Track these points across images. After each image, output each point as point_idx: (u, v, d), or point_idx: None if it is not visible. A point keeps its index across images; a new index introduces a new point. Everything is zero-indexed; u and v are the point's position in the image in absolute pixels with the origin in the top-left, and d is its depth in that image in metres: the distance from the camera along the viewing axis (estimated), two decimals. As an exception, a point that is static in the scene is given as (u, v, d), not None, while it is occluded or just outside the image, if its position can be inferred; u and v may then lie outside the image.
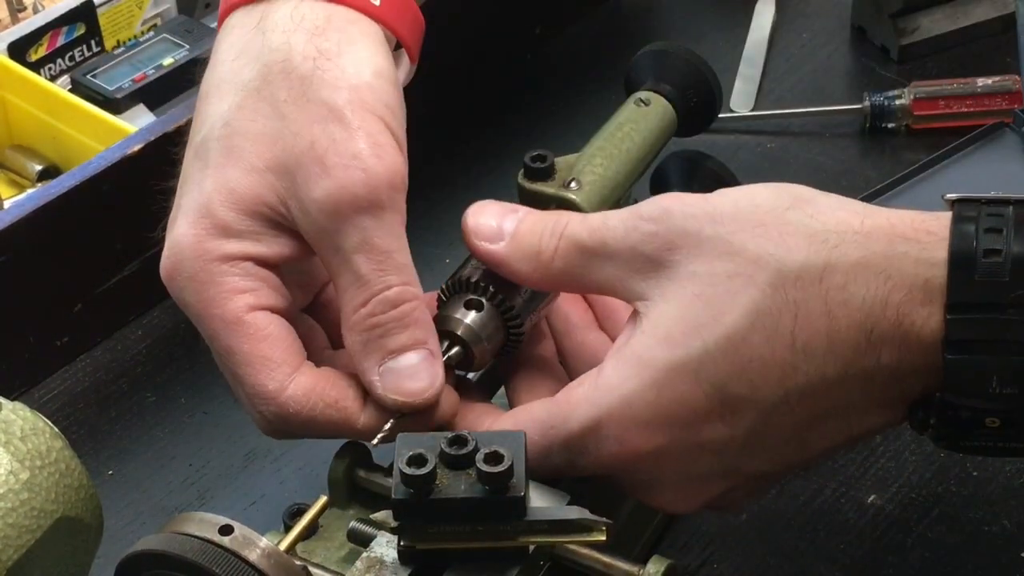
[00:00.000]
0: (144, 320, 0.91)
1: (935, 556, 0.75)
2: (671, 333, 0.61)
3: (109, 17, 1.09)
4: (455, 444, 0.61)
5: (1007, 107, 0.99)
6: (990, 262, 0.58)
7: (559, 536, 0.62)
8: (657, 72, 0.82)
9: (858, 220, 0.60)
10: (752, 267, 0.60)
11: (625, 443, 0.62)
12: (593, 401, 0.62)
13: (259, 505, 0.80)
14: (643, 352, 0.61)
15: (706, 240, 0.61)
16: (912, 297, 0.58)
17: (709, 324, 0.60)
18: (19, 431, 0.61)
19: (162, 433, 0.84)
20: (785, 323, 0.59)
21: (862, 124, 1.02)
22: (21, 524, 0.59)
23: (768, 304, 0.59)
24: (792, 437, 0.62)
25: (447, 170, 1.01)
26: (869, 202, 0.92)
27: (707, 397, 0.61)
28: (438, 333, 0.67)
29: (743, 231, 0.60)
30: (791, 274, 0.59)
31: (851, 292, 0.59)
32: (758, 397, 0.60)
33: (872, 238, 0.59)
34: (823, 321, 0.59)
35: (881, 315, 0.59)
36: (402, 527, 0.62)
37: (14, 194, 1.00)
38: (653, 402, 0.61)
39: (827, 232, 0.60)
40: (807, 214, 0.61)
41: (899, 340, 0.59)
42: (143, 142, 0.88)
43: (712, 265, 0.60)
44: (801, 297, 0.59)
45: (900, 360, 0.59)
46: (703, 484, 0.64)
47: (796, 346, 0.59)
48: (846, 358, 0.59)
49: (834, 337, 0.59)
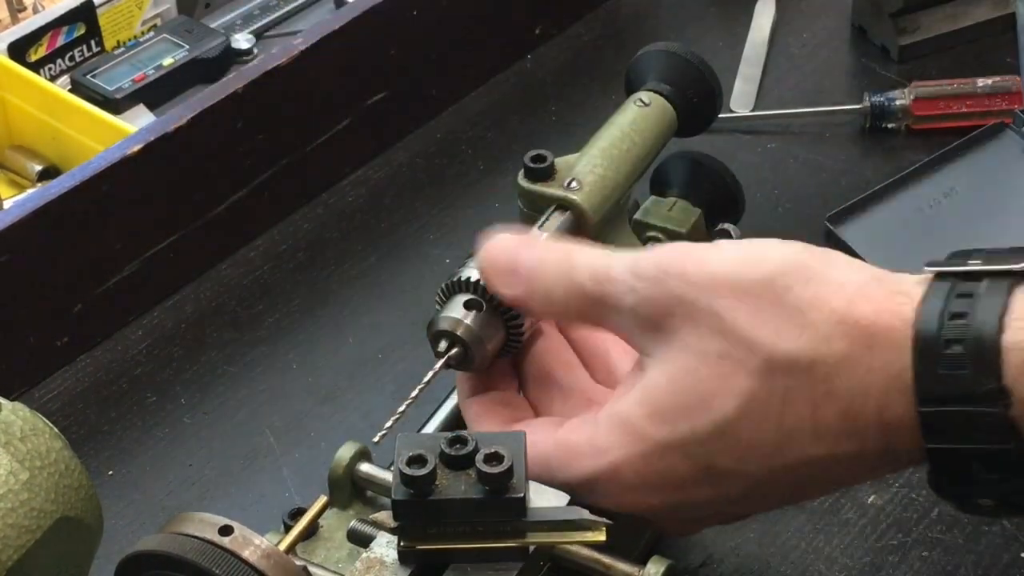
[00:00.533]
0: (144, 320, 0.91)
1: (935, 556, 0.75)
2: (662, 410, 0.61)
3: (109, 17, 1.09)
4: (455, 444, 0.61)
5: (1007, 107, 0.99)
6: (952, 354, 0.56)
7: (559, 536, 0.62)
8: (657, 72, 0.82)
9: (846, 305, 0.59)
10: (743, 351, 0.60)
11: (618, 500, 0.64)
12: (589, 459, 0.63)
13: (259, 505, 0.80)
14: (635, 423, 0.62)
15: (699, 312, 0.61)
16: (890, 388, 0.58)
17: (698, 408, 0.60)
18: (19, 431, 0.61)
19: (162, 433, 0.84)
20: (773, 409, 0.60)
21: (862, 124, 1.02)
22: (21, 524, 0.59)
23: (756, 391, 0.60)
24: (785, 493, 0.64)
25: (447, 170, 1.01)
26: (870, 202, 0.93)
27: (694, 470, 0.62)
28: (438, 333, 0.67)
29: (737, 309, 0.60)
30: (781, 364, 0.59)
31: (835, 384, 0.59)
32: (746, 471, 0.61)
33: (858, 327, 0.58)
34: (808, 409, 0.59)
35: (863, 406, 0.58)
36: (402, 527, 0.62)
37: (14, 194, 1.00)
38: (642, 471, 0.62)
39: (819, 322, 0.59)
40: (802, 297, 0.59)
41: (882, 429, 0.59)
42: (143, 142, 0.88)
43: (704, 341, 0.60)
44: (790, 385, 0.59)
45: (887, 445, 0.59)
46: (699, 521, 0.66)
47: (783, 430, 0.60)
48: (831, 443, 0.60)
49: (819, 424, 0.59)
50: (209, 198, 0.93)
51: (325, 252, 0.95)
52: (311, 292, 0.93)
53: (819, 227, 0.94)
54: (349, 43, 0.96)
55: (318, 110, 0.97)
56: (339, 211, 0.98)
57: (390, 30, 0.99)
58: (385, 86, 1.00)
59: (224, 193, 0.93)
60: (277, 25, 1.16)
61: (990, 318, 0.56)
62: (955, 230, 0.92)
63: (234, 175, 0.94)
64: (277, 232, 0.97)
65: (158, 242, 0.91)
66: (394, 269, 0.94)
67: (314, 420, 0.84)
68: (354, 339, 0.89)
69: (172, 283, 0.92)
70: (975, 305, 0.57)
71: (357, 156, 1.01)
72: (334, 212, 0.98)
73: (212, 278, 0.93)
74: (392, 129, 1.02)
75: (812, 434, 0.59)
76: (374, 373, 0.87)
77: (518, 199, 0.76)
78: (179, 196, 0.91)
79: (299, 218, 0.97)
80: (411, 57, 1.01)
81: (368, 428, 0.82)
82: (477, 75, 1.07)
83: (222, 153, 0.92)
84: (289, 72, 0.94)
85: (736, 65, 1.07)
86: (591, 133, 0.78)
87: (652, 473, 0.62)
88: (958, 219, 0.93)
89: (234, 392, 0.86)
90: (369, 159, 1.01)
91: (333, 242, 0.96)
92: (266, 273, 0.94)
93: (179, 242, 0.91)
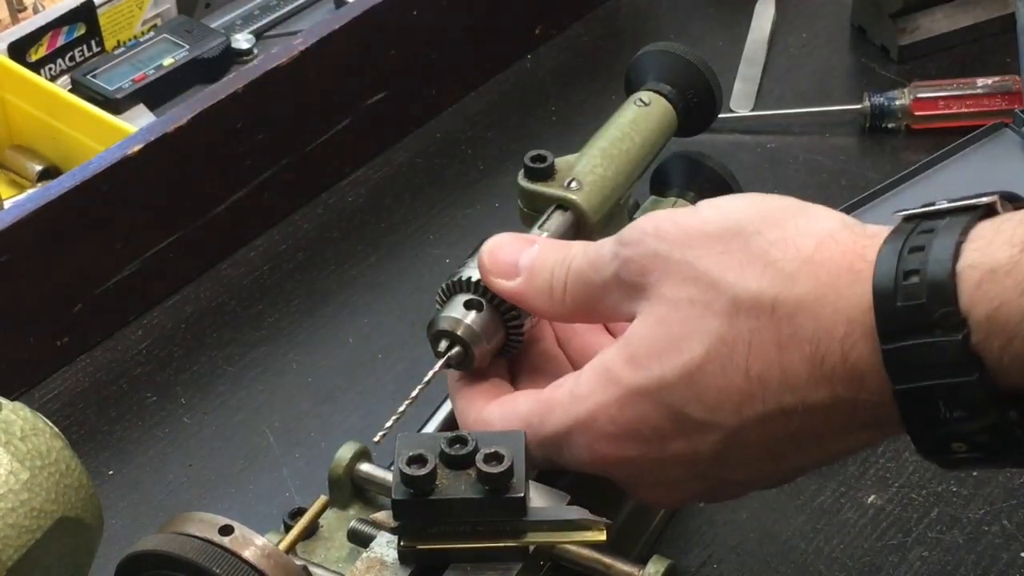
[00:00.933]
0: (144, 320, 0.91)
1: (935, 556, 0.75)
2: (636, 354, 0.62)
3: (109, 17, 1.09)
4: (455, 444, 0.61)
5: (1007, 107, 0.99)
6: (909, 284, 0.56)
7: (559, 536, 0.62)
8: (657, 72, 0.82)
9: (814, 247, 0.59)
10: (711, 293, 0.60)
11: (594, 451, 0.63)
12: (566, 408, 0.63)
13: (259, 505, 0.80)
14: (611, 367, 0.63)
15: (673, 264, 0.62)
16: (853, 330, 0.57)
17: (668, 351, 0.61)
18: (19, 431, 0.61)
19: (162, 433, 0.84)
20: (739, 352, 0.59)
21: (862, 124, 1.02)
22: (21, 524, 0.59)
23: (723, 333, 0.60)
24: (762, 456, 0.63)
25: (447, 170, 1.01)
26: (869, 203, 0.94)
27: (666, 419, 0.61)
28: (438, 333, 0.67)
29: (708, 256, 0.61)
30: (745, 303, 0.59)
31: (800, 324, 0.58)
32: (717, 421, 0.61)
33: (824, 267, 0.59)
34: (775, 352, 0.59)
35: (827, 349, 0.58)
36: (402, 527, 0.62)
37: (14, 194, 1.00)
38: (616, 417, 0.62)
39: (784, 261, 0.59)
40: (770, 240, 0.60)
41: (849, 373, 0.58)
42: (143, 142, 0.88)
43: (677, 289, 0.61)
44: (755, 326, 0.59)
45: (856, 392, 0.58)
46: (680, 486, 0.65)
47: (751, 375, 0.60)
48: (800, 390, 0.59)
49: (787, 369, 0.59)
50: (209, 198, 0.93)
51: (325, 252, 0.95)
52: (311, 292, 0.93)
53: (819, 227, 0.94)
54: (349, 43, 0.96)
55: (318, 110, 0.97)
56: (339, 211, 0.98)
57: (390, 30, 0.99)
58: (385, 86, 1.00)
59: (224, 193, 0.93)
60: (277, 25, 1.16)
61: (946, 244, 0.56)
62: (955, 230, 0.92)
63: (234, 175, 0.94)
64: (277, 232, 0.97)
65: (158, 242, 0.91)
66: (394, 269, 0.94)
67: (314, 420, 0.84)
68: (354, 339, 0.89)
69: (172, 283, 0.92)
70: (934, 237, 0.57)
71: (357, 156, 1.01)
72: (334, 212, 0.98)
73: (212, 278, 0.93)
74: (392, 129, 1.02)
75: (781, 381, 0.59)
76: (374, 373, 0.87)
77: (518, 199, 0.76)
78: (179, 196, 0.91)
79: (299, 218, 0.98)
80: (411, 57, 1.01)
81: (368, 428, 0.82)
82: (477, 75, 1.07)
83: (222, 153, 0.92)
84: (289, 72, 0.94)
85: (736, 65, 1.07)
86: (591, 133, 0.78)
87: (625, 421, 0.62)
88: (958, 219, 0.93)
89: (234, 392, 0.86)
90: (369, 159, 1.01)
91: (333, 242, 0.96)
92: (266, 273, 0.94)
93: (179, 242, 0.91)
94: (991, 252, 0.55)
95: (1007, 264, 0.55)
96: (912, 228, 0.58)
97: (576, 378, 0.64)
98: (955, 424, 0.57)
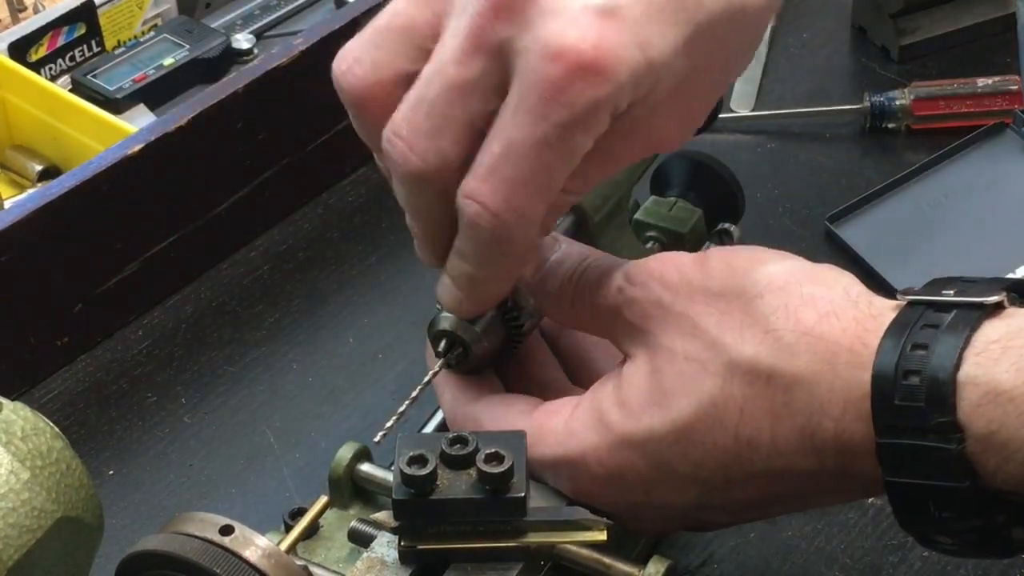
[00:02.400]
0: (144, 320, 0.91)
1: (935, 556, 0.75)
2: (629, 402, 0.62)
3: (109, 17, 1.09)
4: (456, 444, 0.61)
5: (1007, 107, 0.99)
6: (908, 384, 0.56)
7: (559, 536, 0.62)
8: (657, 72, 0.81)
9: (815, 320, 0.59)
10: (708, 352, 0.60)
11: (577, 487, 0.64)
12: (559, 440, 0.63)
13: (259, 505, 0.79)
14: (605, 411, 0.63)
15: (675, 316, 0.62)
16: (848, 412, 0.58)
17: (660, 404, 0.61)
18: (20, 431, 0.61)
19: (162, 433, 0.84)
20: (731, 416, 0.60)
21: (862, 124, 1.02)
22: (22, 524, 0.59)
23: (716, 395, 0.60)
24: (747, 506, 0.63)
25: (447, 170, 1.01)
26: (869, 203, 0.94)
27: (653, 469, 0.62)
28: (438, 333, 0.67)
29: (709, 314, 0.61)
30: (740, 367, 0.59)
31: (794, 396, 0.59)
32: (702, 476, 0.61)
33: (824, 343, 0.58)
34: (767, 420, 0.59)
35: (819, 425, 0.58)
36: (403, 527, 0.62)
37: (14, 194, 1.00)
38: (603, 462, 0.62)
39: (785, 331, 0.59)
40: (773, 306, 0.60)
41: (840, 450, 0.58)
42: (143, 142, 0.88)
43: (674, 342, 0.61)
44: (748, 393, 0.59)
45: (845, 467, 0.59)
46: (663, 523, 0.66)
47: (740, 438, 0.60)
48: (789, 456, 0.59)
49: (777, 437, 0.59)
50: (209, 198, 0.93)
51: (325, 252, 0.95)
52: (311, 292, 0.93)
53: (819, 227, 0.94)
54: (349, 43, 0.96)
55: (318, 110, 0.97)
56: (339, 211, 0.98)
57: (390, 30, 0.99)
58: (385, 86, 1.00)
59: (224, 193, 0.93)
60: (277, 25, 1.16)
61: (949, 351, 0.55)
62: (955, 230, 0.93)
63: (234, 175, 0.94)
64: (277, 232, 0.97)
65: (158, 242, 0.91)
66: (394, 269, 0.94)
67: (314, 420, 0.84)
68: (354, 339, 0.89)
69: (172, 283, 0.92)
70: (937, 337, 0.56)
71: (357, 156, 1.01)
72: (334, 212, 0.98)
73: (212, 278, 0.93)
74: (392, 129, 1.02)
75: (770, 447, 0.59)
76: (374, 373, 0.87)
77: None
78: (179, 196, 0.91)
79: (299, 218, 0.98)
80: (411, 57, 1.01)
81: (368, 428, 0.82)
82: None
83: (222, 153, 0.92)
84: (289, 72, 0.94)
85: (736, 65, 1.07)
86: (591, 133, 0.78)
87: (613, 465, 0.62)
88: (958, 219, 0.93)
89: (234, 392, 0.86)
90: (369, 159, 1.01)
91: (333, 242, 0.96)
92: (266, 273, 0.94)
93: (179, 242, 0.91)
94: (995, 372, 0.55)
95: (1011, 390, 0.54)
96: (916, 318, 0.57)
97: (572, 410, 0.64)
98: (943, 522, 0.57)
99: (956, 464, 0.55)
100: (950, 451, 0.55)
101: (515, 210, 0.59)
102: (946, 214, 0.93)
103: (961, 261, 0.89)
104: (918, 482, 0.56)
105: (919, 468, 0.56)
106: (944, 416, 0.55)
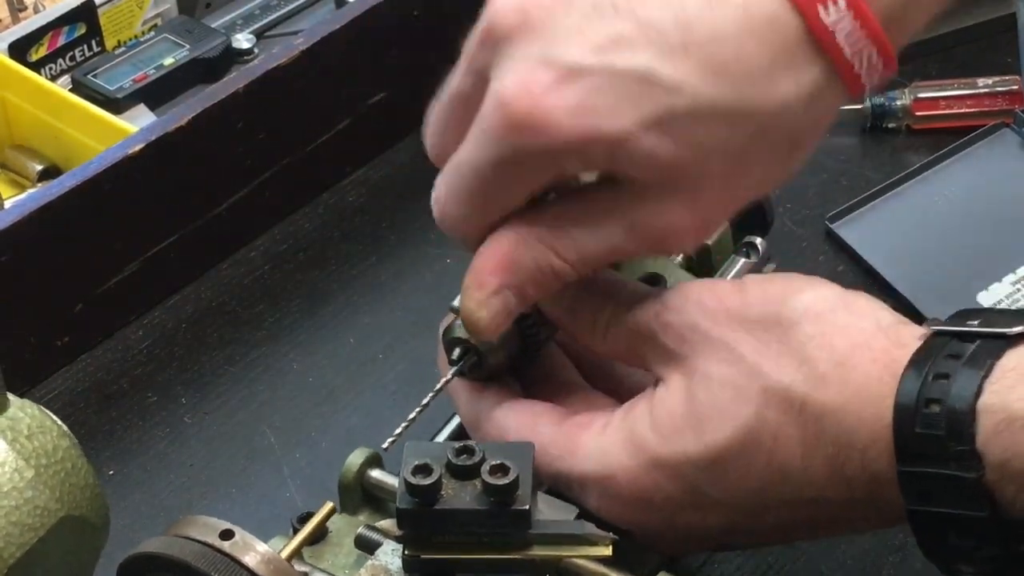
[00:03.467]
0: (145, 320, 0.91)
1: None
2: (663, 426, 0.62)
3: (110, 17, 1.09)
4: (462, 454, 0.61)
5: (1007, 107, 0.99)
6: (929, 413, 0.57)
7: (564, 550, 0.62)
8: (658, 72, 0.81)
9: (848, 350, 0.60)
10: (745, 379, 0.61)
11: (603, 504, 0.64)
12: (588, 455, 0.64)
13: (260, 506, 0.79)
14: (639, 432, 0.63)
15: (712, 341, 0.62)
16: (875, 442, 0.58)
17: (695, 429, 0.61)
18: (26, 429, 0.61)
19: (163, 433, 0.84)
20: (765, 443, 0.60)
21: (862, 124, 1.02)
22: (24, 522, 0.59)
23: (751, 422, 0.60)
24: (773, 531, 0.64)
25: (447, 170, 1.01)
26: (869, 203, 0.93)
27: (683, 492, 0.62)
28: (452, 340, 0.67)
29: (747, 342, 0.61)
30: (776, 395, 0.60)
31: (825, 427, 0.59)
32: (734, 502, 0.62)
33: (855, 374, 0.59)
34: (798, 449, 0.60)
35: (848, 456, 0.59)
36: (407, 536, 0.62)
37: (14, 194, 1.00)
38: (633, 482, 0.63)
39: (819, 360, 0.60)
40: (808, 334, 0.60)
41: (868, 481, 0.59)
42: (143, 142, 0.88)
43: (711, 368, 0.62)
44: (782, 421, 0.60)
45: (873, 496, 0.59)
46: (684, 543, 0.66)
47: (773, 466, 0.60)
48: (820, 486, 0.60)
49: (808, 465, 0.60)
50: (209, 198, 0.93)
51: (325, 252, 0.95)
52: (311, 292, 0.93)
53: (819, 227, 0.94)
54: (349, 43, 0.96)
55: (318, 110, 0.97)
56: (339, 211, 0.98)
57: (390, 30, 0.99)
58: (385, 86, 1.00)
59: (224, 193, 0.93)
60: (278, 25, 1.16)
61: (970, 380, 0.56)
62: (955, 230, 0.92)
63: (234, 175, 0.94)
64: (277, 232, 0.97)
65: (158, 242, 0.91)
66: (394, 269, 0.94)
67: (314, 420, 0.84)
68: (354, 339, 0.89)
69: (172, 283, 0.92)
70: (959, 366, 0.57)
71: (357, 156, 1.01)
72: (334, 212, 0.98)
73: (212, 278, 0.93)
74: (392, 129, 1.02)
75: (801, 475, 0.60)
76: (374, 373, 0.87)
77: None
78: (179, 196, 0.91)
79: (299, 218, 0.97)
80: (411, 57, 1.01)
81: (369, 428, 0.82)
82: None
83: (222, 153, 0.92)
84: (289, 72, 0.94)
85: (736, 65, 1.07)
86: (591, 133, 0.78)
87: (644, 488, 0.62)
88: (958, 219, 0.93)
89: (235, 392, 0.86)
90: (369, 159, 1.01)
91: (333, 242, 0.96)
92: (266, 273, 0.94)
93: (179, 242, 0.91)
94: (1011, 399, 0.55)
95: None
96: (940, 348, 0.58)
97: (603, 427, 0.64)
98: (963, 550, 0.58)
99: (975, 493, 0.56)
100: (969, 480, 0.55)
101: (449, 215, 0.65)
102: (946, 214, 0.93)
103: (961, 261, 0.89)
104: (939, 511, 0.57)
105: (939, 497, 0.57)
106: (963, 444, 0.55)
